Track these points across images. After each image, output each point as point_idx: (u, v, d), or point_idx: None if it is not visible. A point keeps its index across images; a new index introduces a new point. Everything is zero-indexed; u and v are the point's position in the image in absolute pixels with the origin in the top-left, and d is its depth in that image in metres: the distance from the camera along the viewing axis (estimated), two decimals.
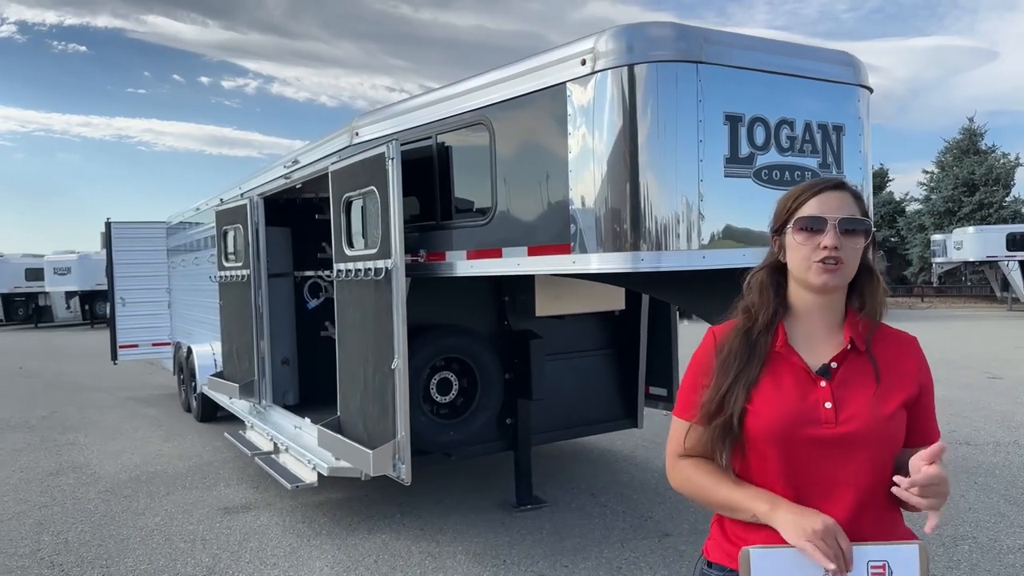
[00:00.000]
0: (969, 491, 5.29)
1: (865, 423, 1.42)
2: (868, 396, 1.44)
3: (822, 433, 1.42)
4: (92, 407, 9.98)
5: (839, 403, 1.44)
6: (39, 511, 5.53)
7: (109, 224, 11.03)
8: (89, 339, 21.68)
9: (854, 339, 1.47)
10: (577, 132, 3.21)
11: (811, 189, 1.51)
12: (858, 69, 3.57)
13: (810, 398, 1.45)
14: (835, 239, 1.43)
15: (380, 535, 4.78)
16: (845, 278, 1.48)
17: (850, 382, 1.46)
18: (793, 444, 1.43)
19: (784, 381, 1.47)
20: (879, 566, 1.38)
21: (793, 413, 1.44)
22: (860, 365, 1.47)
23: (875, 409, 1.43)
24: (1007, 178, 29.61)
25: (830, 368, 1.47)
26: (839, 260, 1.44)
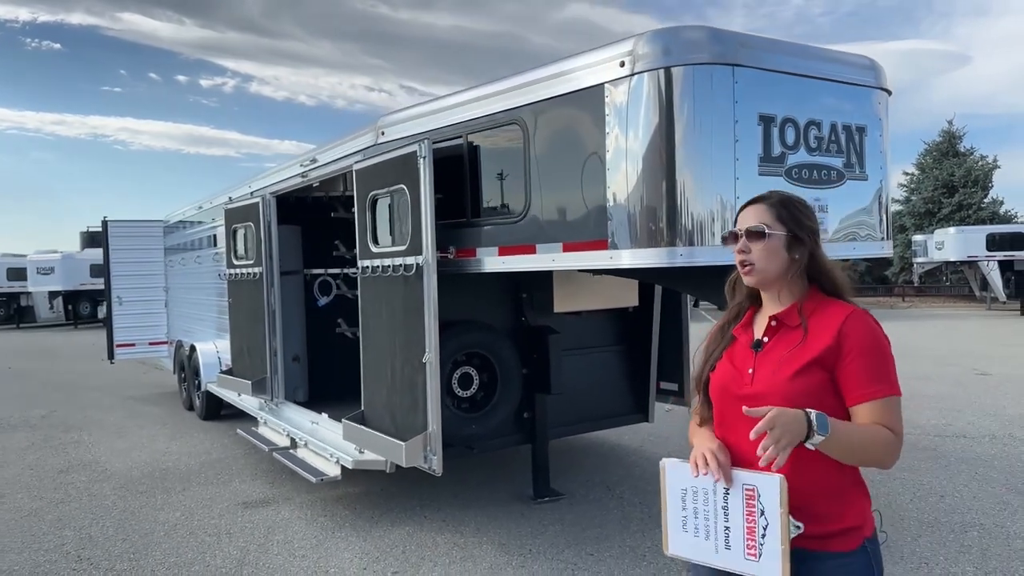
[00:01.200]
0: (971, 481, 5.48)
1: (766, 384, 1.74)
2: (780, 362, 1.74)
3: (742, 392, 1.78)
4: (91, 406, 9.95)
5: (757, 368, 1.78)
6: (56, 507, 5.55)
7: (106, 223, 11.01)
8: (75, 339, 21.49)
9: (782, 316, 1.80)
10: (615, 132, 3.32)
11: (743, 206, 1.88)
12: (879, 72, 3.72)
13: (743, 366, 1.82)
14: (742, 245, 1.80)
15: (403, 527, 4.87)
16: (762, 275, 1.80)
17: (772, 352, 1.78)
18: (725, 399, 1.82)
19: (736, 355, 1.86)
20: (750, 488, 1.68)
21: (729, 377, 1.83)
22: (789, 337, 1.77)
23: (779, 371, 1.73)
24: (985, 180, 30.19)
25: (761, 342, 1.82)
26: (751, 262, 1.79)
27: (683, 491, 1.76)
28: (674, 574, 4.02)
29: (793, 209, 1.82)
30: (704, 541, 1.73)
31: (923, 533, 4.49)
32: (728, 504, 1.69)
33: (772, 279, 1.80)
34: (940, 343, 14.51)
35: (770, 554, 1.62)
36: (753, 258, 1.79)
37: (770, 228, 1.78)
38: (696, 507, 1.74)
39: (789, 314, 1.79)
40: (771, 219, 1.79)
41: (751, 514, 1.66)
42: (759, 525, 1.65)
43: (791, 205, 1.83)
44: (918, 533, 4.49)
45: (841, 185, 3.54)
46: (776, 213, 1.80)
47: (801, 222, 1.81)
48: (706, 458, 1.71)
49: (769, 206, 1.82)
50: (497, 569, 4.16)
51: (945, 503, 5.02)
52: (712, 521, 1.72)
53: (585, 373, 5.60)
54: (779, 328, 1.80)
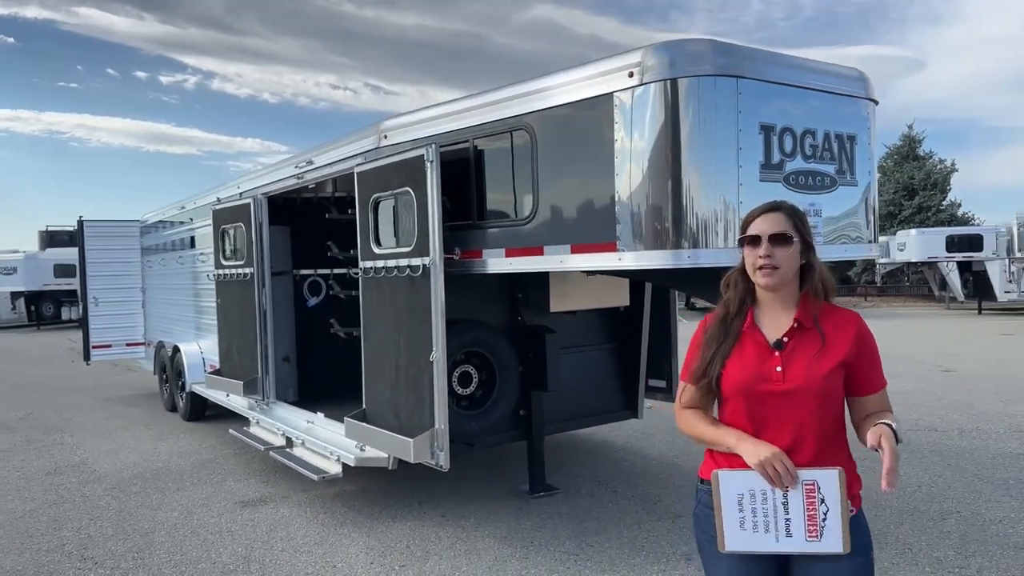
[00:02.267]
0: (945, 471, 5.75)
1: (802, 381, 1.91)
2: (810, 360, 1.93)
3: (773, 388, 1.94)
4: (69, 408, 9.83)
5: (786, 367, 1.94)
6: (50, 509, 5.53)
7: (81, 222, 10.86)
8: (40, 341, 21.06)
9: (800, 319, 1.97)
10: (623, 138, 3.47)
11: (756, 212, 2.03)
12: (867, 83, 3.93)
13: (767, 364, 1.95)
14: (768, 250, 1.94)
15: (405, 523, 4.96)
16: (782, 277, 1.96)
17: (797, 351, 1.95)
18: (753, 396, 1.95)
19: (748, 352, 1.98)
20: (810, 485, 1.86)
21: (753, 374, 1.96)
22: (808, 337, 1.96)
23: (811, 371, 1.92)
24: (944, 183, 31.13)
25: (783, 342, 1.97)
26: (774, 266, 1.94)
27: (739, 495, 1.91)
28: (672, 562, 4.18)
29: (802, 219, 2.02)
30: (764, 534, 1.90)
31: (904, 520, 4.72)
32: (788, 500, 1.87)
33: (788, 280, 1.98)
34: (904, 342, 14.98)
35: (831, 533, 1.84)
36: (777, 261, 1.94)
37: (792, 235, 1.96)
38: (754, 507, 1.91)
39: (807, 317, 1.98)
40: (790, 227, 1.97)
41: (811, 504, 1.86)
42: (819, 512, 1.85)
43: (800, 215, 2.03)
44: (900, 520, 4.72)
45: (834, 190, 3.74)
46: (793, 221, 1.98)
47: (808, 231, 2.02)
48: (776, 466, 1.86)
49: (786, 215, 1.99)
50: (502, 561, 4.28)
51: (922, 492, 5.27)
52: (772, 517, 1.89)
53: (578, 371, 5.75)
54: (799, 330, 1.97)
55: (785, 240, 1.94)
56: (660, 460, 6.30)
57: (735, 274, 2.07)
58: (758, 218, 2.00)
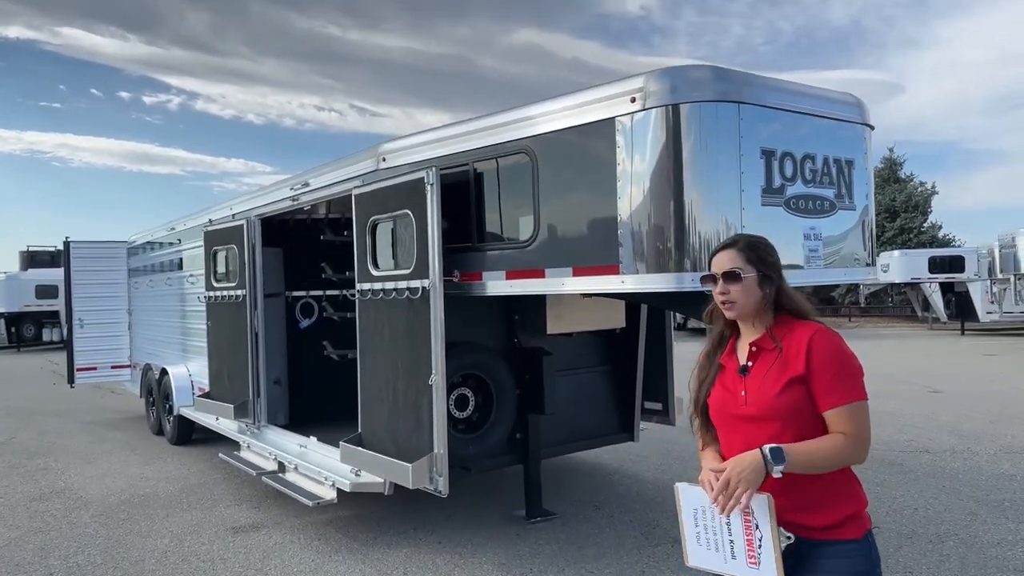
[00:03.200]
0: (940, 494, 5.76)
1: (757, 403, 1.98)
2: (765, 383, 1.98)
3: (739, 412, 2.03)
4: (52, 432, 9.66)
5: (748, 391, 2.02)
6: (36, 536, 5.41)
7: (68, 243, 10.76)
8: (21, 363, 20.74)
9: (758, 343, 2.05)
10: (625, 163, 3.48)
11: (715, 250, 2.14)
12: (863, 110, 3.98)
13: (736, 389, 2.05)
14: (722, 287, 2.06)
15: (401, 549, 4.90)
16: (741, 309, 2.05)
17: (757, 374, 2.02)
18: (727, 421, 2.06)
19: (727, 380, 2.09)
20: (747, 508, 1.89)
21: (725, 401, 2.07)
22: (767, 359, 2.02)
23: (768, 389, 1.97)
24: (925, 205, 31.58)
25: (747, 367, 2.05)
26: (732, 300, 2.04)
27: (695, 510, 2.01)
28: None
29: (760, 251, 2.08)
30: (715, 553, 1.97)
31: (903, 544, 4.72)
32: (730, 520, 1.93)
33: (749, 312, 2.06)
34: (889, 362, 15.09)
35: (767, 561, 1.87)
36: (732, 297, 2.04)
37: (743, 271, 2.03)
38: (706, 524, 1.98)
39: (764, 339, 2.05)
40: (742, 262, 2.05)
41: (748, 528, 1.90)
42: (755, 537, 1.89)
43: (758, 247, 2.09)
44: (899, 544, 4.72)
45: (833, 214, 3.77)
46: (746, 256, 2.05)
47: (767, 261, 2.07)
48: (710, 482, 1.94)
49: (738, 251, 2.07)
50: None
51: (919, 515, 5.28)
52: (719, 535, 1.96)
53: (575, 394, 5.72)
54: (759, 353, 2.05)
55: (735, 277, 2.03)
56: (655, 484, 6.27)
57: (712, 307, 2.16)
58: (715, 256, 2.11)
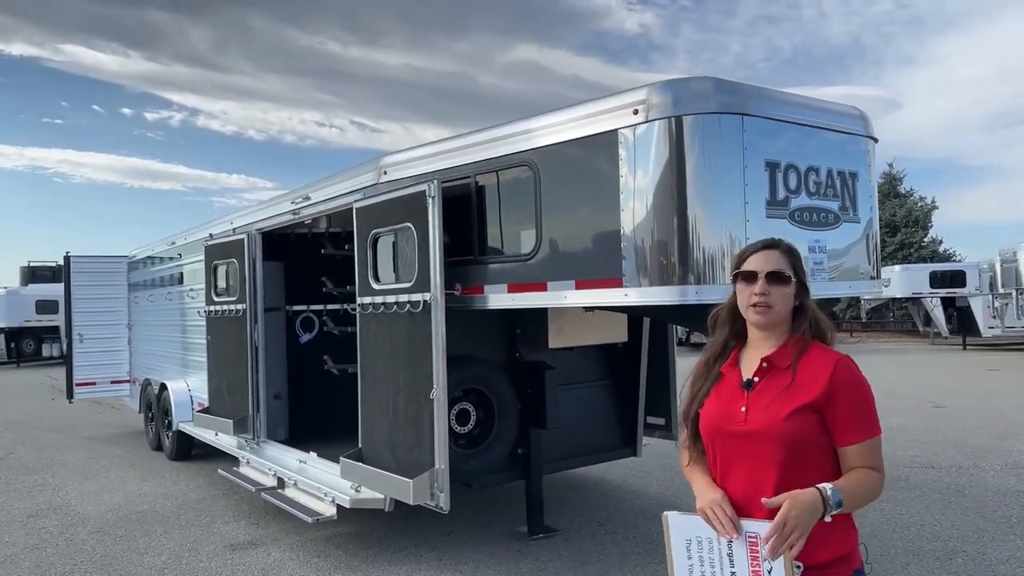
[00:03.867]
0: (947, 510, 5.70)
1: (763, 423, 1.82)
2: (774, 403, 1.83)
3: (735, 429, 1.86)
4: (50, 447, 9.59)
5: (750, 407, 1.86)
6: (31, 554, 5.35)
7: (68, 258, 10.73)
8: (20, 378, 20.66)
9: (772, 359, 1.88)
10: (628, 175, 3.47)
11: (752, 248, 1.97)
12: (867, 122, 3.97)
13: (735, 403, 1.89)
14: (763, 287, 1.87)
15: (401, 566, 4.83)
16: (775, 316, 1.88)
17: (764, 391, 1.86)
18: (719, 437, 1.90)
19: (723, 392, 1.93)
20: (753, 536, 1.76)
21: (721, 414, 1.90)
22: (780, 378, 1.86)
23: (775, 412, 1.81)
24: (925, 220, 31.60)
25: (753, 381, 1.90)
26: (768, 304, 1.86)
27: (687, 541, 1.84)
28: None
29: (798, 258, 1.95)
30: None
31: (911, 562, 4.65)
32: (733, 551, 1.77)
33: (780, 321, 1.90)
34: (892, 377, 15.02)
35: None
36: (772, 300, 1.87)
37: (789, 274, 1.89)
38: (701, 555, 1.82)
39: (780, 356, 1.88)
40: (786, 265, 1.90)
41: (755, 559, 1.75)
42: (764, 570, 1.73)
43: (796, 254, 1.96)
44: (906, 562, 4.65)
45: (837, 227, 3.75)
46: (789, 260, 1.92)
47: (803, 270, 1.95)
48: (716, 513, 1.78)
49: (783, 253, 1.93)
50: None
51: (926, 532, 5.21)
52: (718, 568, 1.80)
53: (577, 408, 5.67)
54: (770, 369, 1.88)
55: (782, 279, 1.88)
56: (659, 499, 6.21)
57: (724, 311, 2.00)
58: (755, 254, 1.93)
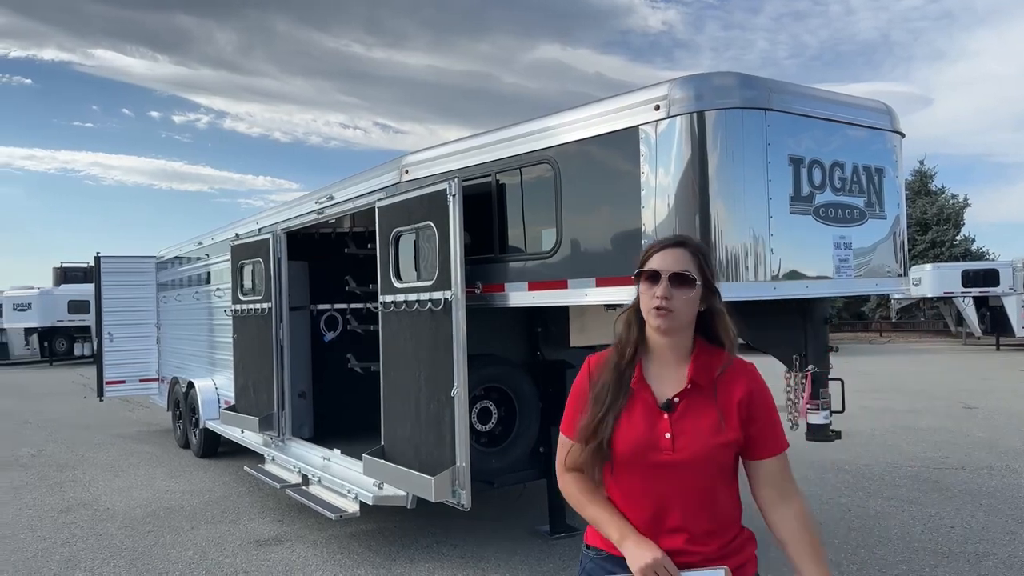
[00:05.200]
0: (978, 512, 5.59)
1: (695, 452, 1.67)
2: (701, 428, 1.69)
3: (663, 459, 1.68)
4: (82, 445, 9.77)
5: (676, 434, 1.68)
6: (62, 548, 5.45)
7: (99, 258, 10.92)
8: (52, 377, 21.08)
9: (695, 379, 1.71)
10: (650, 171, 3.44)
11: (658, 246, 1.77)
12: (894, 117, 3.90)
13: (656, 429, 1.69)
14: (666, 290, 1.69)
15: (423, 564, 4.85)
16: (677, 322, 1.71)
17: (688, 414, 1.70)
18: (643, 467, 1.69)
19: (637, 412, 1.72)
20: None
21: (642, 441, 1.69)
22: (701, 398, 1.71)
23: (706, 439, 1.68)
24: (957, 218, 31.03)
25: (673, 403, 1.72)
26: (670, 308, 1.69)
27: None
28: None
29: (709, 260, 1.79)
30: None
31: (940, 563, 4.57)
32: None
33: (682, 327, 1.74)
34: (923, 378, 14.77)
35: None
36: (675, 304, 1.69)
37: (696, 277, 1.72)
38: None
39: (702, 375, 1.73)
40: (694, 267, 1.72)
41: None
42: None
43: (705, 254, 1.78)
44: (935, 564, 4.57)
45: (863, 223, 3.69)
46: (697, 261, 1.73)
47: (711, 273, 1.77)
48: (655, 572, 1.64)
49: (691, 253, 1.74)
50: None
51: (956, 534, 5.12)
52: None
53: None
54: (693, 390, 1.72)
55: (686, 281, 1.69)
56: None
57: (629, 312, 1.79)
58: (659, 253, 1.74)
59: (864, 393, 11.90)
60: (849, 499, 6.08)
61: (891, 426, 9.32)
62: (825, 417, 3.68)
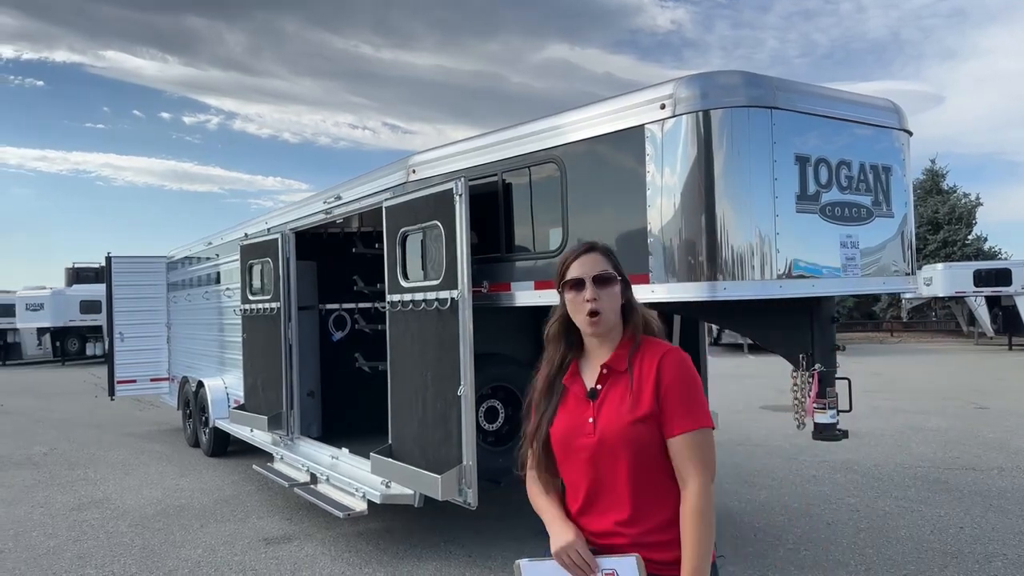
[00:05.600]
0: (988, 512, 5.56)
1: (611, 430, 1.76)
2: (617, 408, 1.78)
3: (586, 441, 1.80)
4: (92, 443, 9.84)
5: (598, 417, 1.80)
6: (73, 545, 5.49)
7: (109, 258, 11.00)
8: (64, 377, 21.24)
9: (610, 363, 1.83)
10: (655, 170, 3.44)
11: (573, 255, 1.89)
12: (901, 115, 3.89)
13: (583, 415, 1.82)
14: (593, 292, 1.81)
15: (430, 563, 4.86)
16: (608, 322, 1.83)
17: (608, 398, 1.81)
18: (572, 451, 1.82)
19: (569, 404, 1.86)
20: (609, 572, 1.73)
21: (570, 428, 1.83)
22: (621, 381, 1.81)
23: (620, 417, 1.76)
24: (969, 217, 30.82)
25: (596, 390, 1.83)
26: (598, 310, 1.80)
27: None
28: None
29: (616, 257, 1.90)
30: None
31: (948, 564, 4.55)
32: None
33: (612, 325, 1.85)
34: (934, 378, 14.68)
35: None
36: (602, 305, 1.81)
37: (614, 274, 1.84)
38: None
39: (617, 360, 1.83)
40: (609, 266, 1.85)
41: None
42: None
43: (613, 254, 1.90)
44: (943, 564, 4.55)
45: (870, 222, 3.68)
46: (611, 261, 1.86)
47: (622, 268, 1.89)
48: (571, 558, 1.75)
49: (603, 254, 1.87)
50: None
51: (965, 534, 5.09)
52: None
53: None
54: (610, 375, 1.83)
55: (608, 280, 1.82)
56: None
57: (556, 325, 1.92)
58: (576, 261, 1.86)
59: (875, 393, 11.84)
60: (858, 499, 6.05)
61: (901, 426, 9.27)
62: (832, 416, 3.67)
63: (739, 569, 4.57)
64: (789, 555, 4.80)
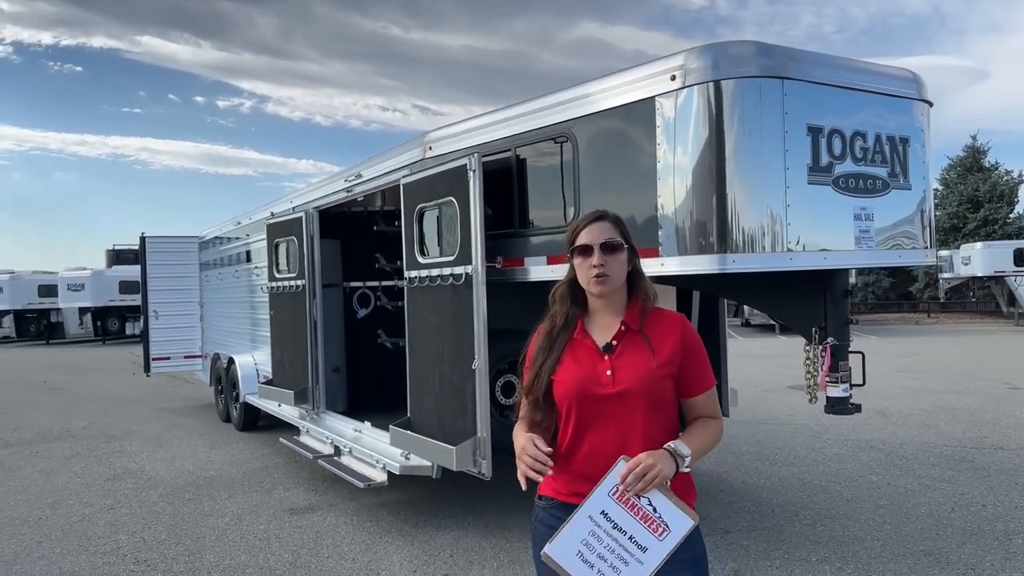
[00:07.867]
0: (1012, 491, 5.48)
1: (632, 383, 1.88)
2: (637, 361, 1.90)
3: (604, 392, 1.90)
4: (129, 418, 10.15)
5: (616, 370, 1.91)
6: (107, 513, 5.70)
7: (144, 239, 11.27)
8: (104, 355, 21.84)
9: (627, 323, 1.95)
10: (665, 142, 3.44)
11: (583, 222, 1.99)
12: (920, 85, 3.81)
13: (598, 368, 1.92)
14: (600, 258, 1.91)
15: (449, 532, 4.96)
16: (614, 284, 1.95)
17: (625, 354, 1.93)
18: (585, 400, 1.91)
19: (580, 357, 1.96)
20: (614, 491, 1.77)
21: (584, 378, 1.92)
22: (636, 340, 1.94)
23: (639, 371, 1.89)
24: (1011, 195, 29.98)
25: (612, 345, 1.95)
26: (607, 274, 1.92)
27: (578, 553, 1.78)
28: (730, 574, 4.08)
29: (624, 225, 2.00)
30: (626, 568, 1.75)
31: (967, 541, 4.51)
32: (614, 521, 1.76)
33: (618, 288, 1.97)
34: (969, 358, 14.40)
35: (670, 515, 1.75)
36: (609, 270, 1.92)
37: (621, 242, 1.96)
38: (599, 553, 1.77)
39: (632, 319, 1.96)
40: (617, 234, 1.96)
41: (634, 507, 1.75)
42: (644, 508, 1.75)
43: (622, 222, 2.00)
44: (962, 541, 4.51)
45: (886, 194, 3.63)
46: (619, 229, 1.97)
47: (630, 237, 2.00)
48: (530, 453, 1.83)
49: (612, 223, 1.97)
50: None
51: (987, 512, 5.03)
52: (618, 547, 1.76)
53: None
54: (627, 332, 1.95)
55: (616, 248, 1.93)
56: (709, 475, 6.17)
57: (564, 287, 2.04)
58: (586, 228, 1.97)
59: (906, 373, 11.66)
60: (880, 477, 6.01)
61: (930, 406, 9.13)
62: (844, 390, 3.65)
63: (753, 543, 4.59)
64: (806, 530, 4.80)
